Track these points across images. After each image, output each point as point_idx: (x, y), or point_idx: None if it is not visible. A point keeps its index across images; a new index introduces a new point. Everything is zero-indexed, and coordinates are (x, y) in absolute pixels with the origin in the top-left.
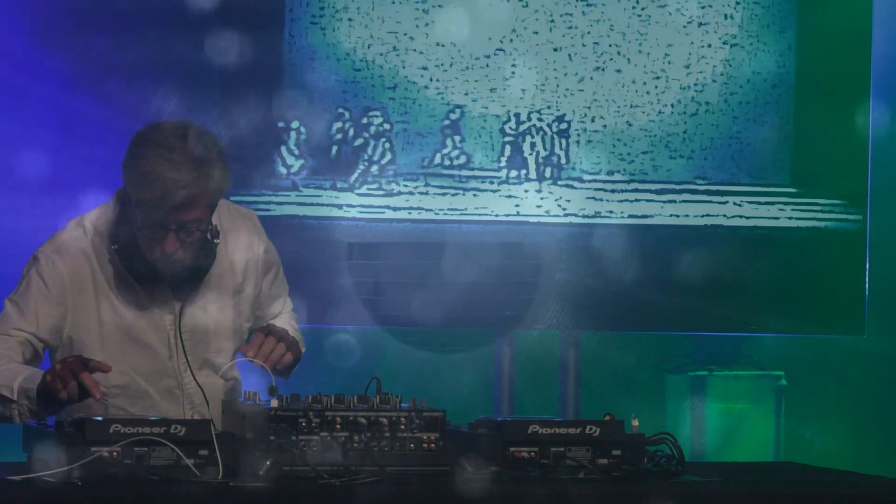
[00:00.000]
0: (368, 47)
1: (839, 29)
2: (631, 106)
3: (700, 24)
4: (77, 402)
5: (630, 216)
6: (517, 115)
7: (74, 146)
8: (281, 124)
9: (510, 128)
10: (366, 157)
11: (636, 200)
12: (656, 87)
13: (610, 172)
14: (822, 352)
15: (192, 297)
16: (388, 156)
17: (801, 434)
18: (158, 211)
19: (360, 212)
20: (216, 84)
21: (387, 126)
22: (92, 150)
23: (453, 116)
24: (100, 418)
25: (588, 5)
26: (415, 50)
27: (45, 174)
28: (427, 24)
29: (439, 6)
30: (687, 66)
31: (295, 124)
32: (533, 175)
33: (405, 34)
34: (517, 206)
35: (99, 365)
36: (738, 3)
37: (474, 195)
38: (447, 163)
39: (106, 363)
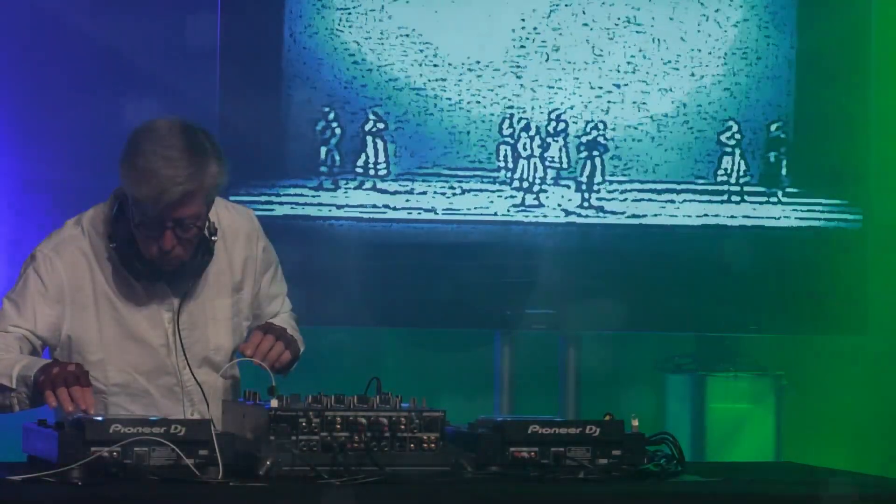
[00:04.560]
0: (368, 46)
1: (840, 28)
2: (631, 105)
3: (701, 24)
4: (64, 406)
5: (630, 216)
6: (516, 115)
7: (75, 146)
8: (280, 123)
9: (509, 128)
10: (365, 156)
11: (636, 200)
12: (656, 87)
13: (610, 172)
14: (822, 352)
15: (191, 293)
16: (388, 156)
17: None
18: (155, 208)
19: (361, 212)
20: (214, 82)
21: (385, 125)
22: (91, 151)
23: (453, 116)
24: (100, 418)
25: (587, 5)
26: (414, 49)
27: (45, 175)
28: (425, 23)
29: (437, 5)
30: (687, 67)
31: (294, 124)
32: (532, 175)
33: (404, 33)
34: (516, 206)
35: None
36: (739, 6)
37: (474, 195)
38: (447, 163)
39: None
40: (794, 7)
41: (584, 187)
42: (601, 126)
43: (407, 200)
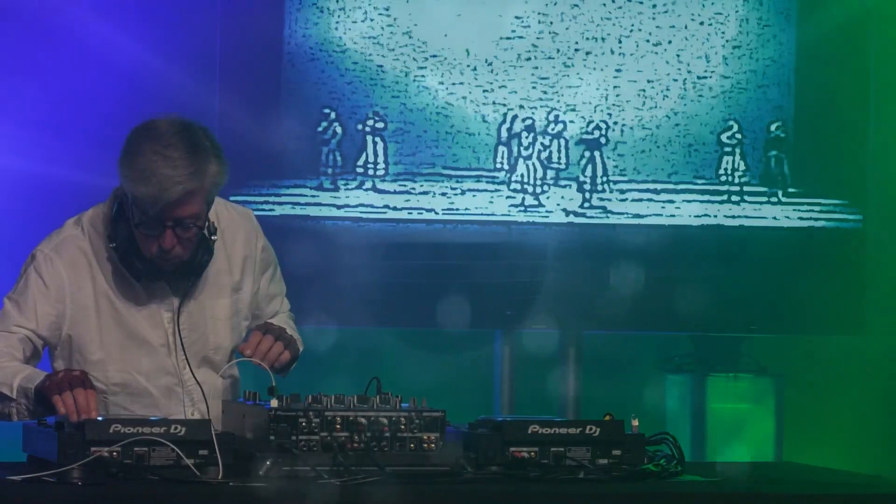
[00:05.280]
0: (368, 46)
1: (839, 28)
2: (630, 105)
3: (701, 24)
4: (70, 415)
5: (630, 216)
6: (516, 115)
7: (75, 146)
8: (280, 123)
9: (509, 127)
10: (365, 156)
11: (636, 200)
12: (657, 87)
13: (610, 172)
14: (822, 352)
15: (191, 293)
16: (388, 155)
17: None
18: (155, 207)
19: (361, 212)
20: (214, 83)
21: (385, 125)
22: (91, 151)
23: (453, 116)
24: (100, 418)
25: (587, 5)
26: (414, 49)
27: (46, 175)
28: (425, 23)
29: (437, 5)
30: (687, 67)
31: (294, 124)
32: (532, 175)
33: (404, 32)
34: (517, 206)
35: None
36: (740, 6)
37: (474, 195)
38: (447, 163)
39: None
40: (795, 7)
41: (584, 187)
42: (602, 126)
43: (407, 200)
